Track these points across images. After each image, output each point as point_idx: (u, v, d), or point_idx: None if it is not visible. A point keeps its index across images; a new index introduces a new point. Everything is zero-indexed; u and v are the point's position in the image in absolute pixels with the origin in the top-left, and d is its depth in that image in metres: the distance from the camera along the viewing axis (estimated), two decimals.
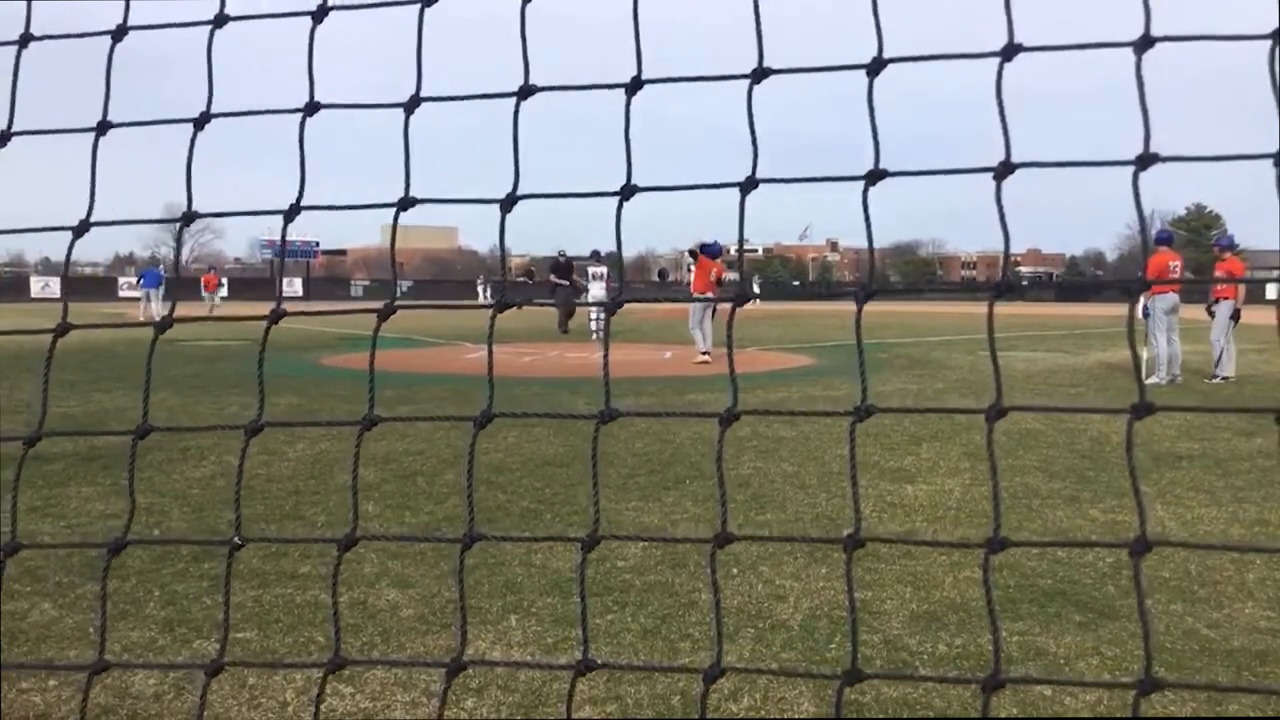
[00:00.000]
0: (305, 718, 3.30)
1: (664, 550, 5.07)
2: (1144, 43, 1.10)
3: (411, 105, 1.39)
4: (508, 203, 1.35)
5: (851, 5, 1.42)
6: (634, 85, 1.30)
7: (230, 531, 1.48)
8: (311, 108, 1.42)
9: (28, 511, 5.81)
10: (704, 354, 15.74)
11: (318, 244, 72.89)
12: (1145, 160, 1.08)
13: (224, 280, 51.63)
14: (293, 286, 66.61)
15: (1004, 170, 1.15)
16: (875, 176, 1.21)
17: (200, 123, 1.45)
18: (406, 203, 1.38)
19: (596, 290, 23.85)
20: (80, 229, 1.48)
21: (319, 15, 1.41)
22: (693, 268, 16.77)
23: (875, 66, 1.21)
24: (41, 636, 4.03)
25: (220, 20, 1.44)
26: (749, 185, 1.26)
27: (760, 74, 1.25)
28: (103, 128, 1.47)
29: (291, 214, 1.42)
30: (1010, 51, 1.14)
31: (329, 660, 1.35)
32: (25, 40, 1.50)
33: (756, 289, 65.42)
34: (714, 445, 1.25)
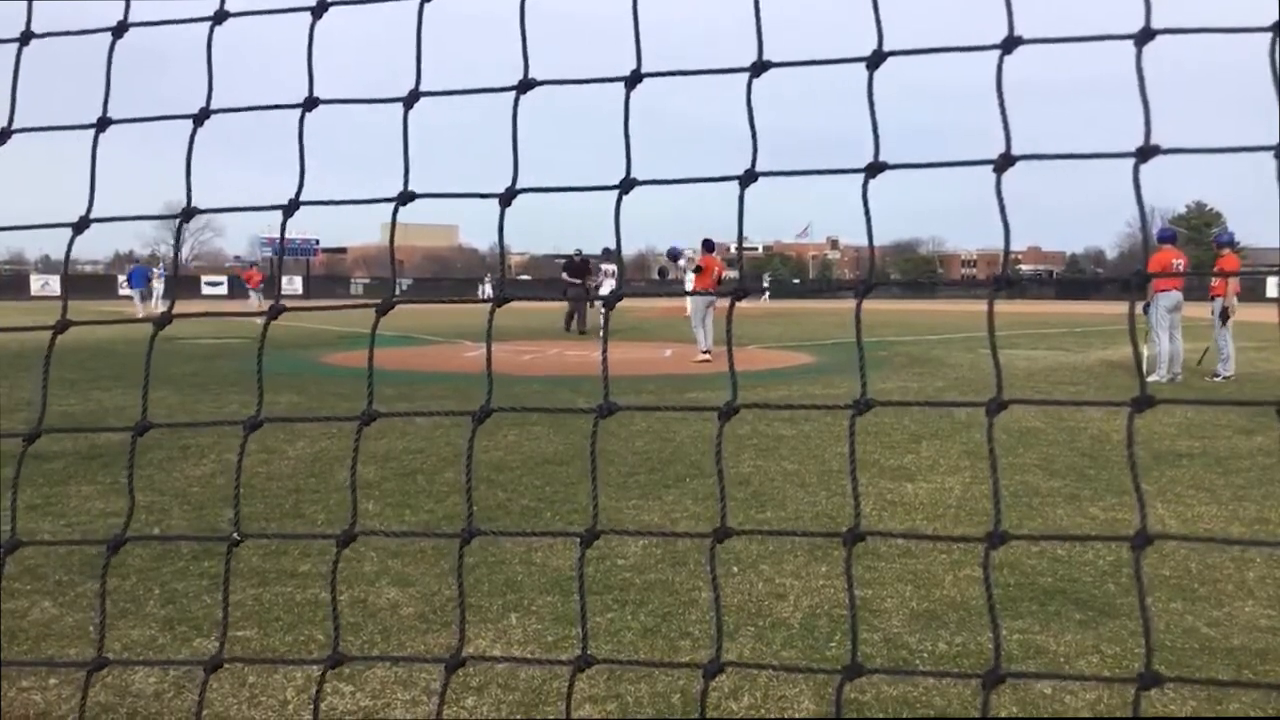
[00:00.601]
0: (305, 716, 3.30)
1: (664, 549, 5.07)
2: (1144, 35, 1.10)
3: (411, 100, 1.39)
4: (507, 197, 1.35)
5: (852, 5, 1.41)
6: (633, 79, 1.30)
7: (230, 529, 1.48)
8: (311, 103, 1.42)
9: (27, 509, 5.81)
10: (705, 353, 15.72)
11: (317, 242, 72.90)
12: (1146, 152, 1.08)
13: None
14: (293, 284, 66.66)
15: (1004, 162, 1.15)
16: (875, 169, 1.21)
17: (200, 119, 1.44)
18: (406, 197, 1.38)
19: (608, 288, 23.83)
20: (80, 226, 1.48)
21: (318, 11, 1.41)
22: (691, 275, 16.64)
23: (875, 60, 1.20)
24: (41, 634, 4.03)
25: (220, 17, 1.44)
26: (748, 178, 1.26)
27: (760, 67, 1.25)
28: (103, 124, 1.46)
29: (291, 209, 1.42)
30: (1010, 44, 1.14)
31: (328, 657, 1.35)
32: (26, 38, 1.50)
33: (766, 284, 65.19)
34: (714, 442, 1.24)
